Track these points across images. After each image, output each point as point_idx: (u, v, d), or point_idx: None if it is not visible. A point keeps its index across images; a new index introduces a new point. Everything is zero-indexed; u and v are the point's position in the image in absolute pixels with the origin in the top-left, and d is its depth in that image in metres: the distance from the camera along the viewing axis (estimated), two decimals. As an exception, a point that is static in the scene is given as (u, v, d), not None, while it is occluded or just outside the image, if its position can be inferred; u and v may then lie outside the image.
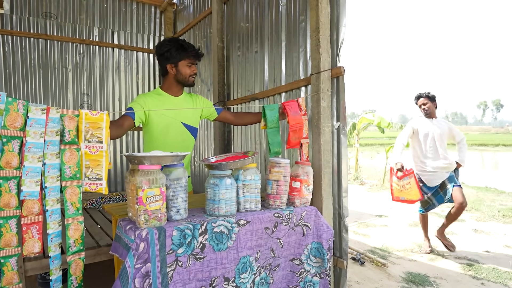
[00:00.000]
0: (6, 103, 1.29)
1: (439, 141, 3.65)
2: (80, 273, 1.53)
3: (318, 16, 2.09)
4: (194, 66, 2.14)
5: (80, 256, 1.53)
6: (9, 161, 1.30)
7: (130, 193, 1.51)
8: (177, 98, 2.17)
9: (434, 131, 3.66)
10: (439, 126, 3.71)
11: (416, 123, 3.80)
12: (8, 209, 1.33)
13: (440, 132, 3.66)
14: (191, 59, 2.10)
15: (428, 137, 3.70)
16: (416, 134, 3.77)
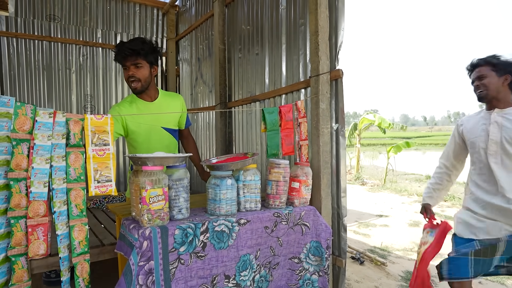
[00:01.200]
0: (15, 108, 1.34)
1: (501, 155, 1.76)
2: (87, 274, 1.56)
3: (317, 19, 2.13)
4: (130, 68, 1.89)
5: (85, 258, 1.56)
6: (19, 163, 1.36)
7: (133, 193, 1.56)
8: (152, 104, 2.04)
9: (493, 135, 1.78)
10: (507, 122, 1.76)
11: (465, 121, 2.00)
12: (18, 209, 1.38)
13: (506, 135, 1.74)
14: (121, 61, 1.90)
15: (478, 147, 1.85)
16: (463, 143, 2.00)
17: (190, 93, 4.53)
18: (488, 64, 1.81)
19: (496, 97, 1.80)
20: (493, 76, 1.79)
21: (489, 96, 1.81)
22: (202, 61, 4.17)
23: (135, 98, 2.03)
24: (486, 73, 1.81)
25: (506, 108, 1.80)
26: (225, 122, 3.55)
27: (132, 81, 1.91)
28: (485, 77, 1.80)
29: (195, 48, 4.35)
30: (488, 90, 1.80)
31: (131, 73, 1.89)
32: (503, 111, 1.80)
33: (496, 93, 1.79)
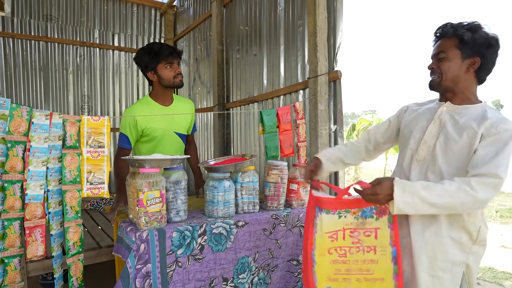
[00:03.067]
0: (11, 109, 1.33)
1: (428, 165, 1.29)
2: (80, 273, 1.57)
3: (315, 21, 2.12)
4: (175, 65, 1.99)
5: (79, 258, 1.57)
6: (14, 166, 1.34)
7: (131, 195, 1.55)
8: (168, 108, 2.05)
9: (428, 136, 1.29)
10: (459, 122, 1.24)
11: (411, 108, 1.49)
12: (12, 211, 1.37)
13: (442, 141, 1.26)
14: (167, 60, 1.96)
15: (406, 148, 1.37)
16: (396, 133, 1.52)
17: (188, 94, 4.52)
18: (455, 37, 1.22)
19: (453, 89, 1.25)
20: (456, 57, 1.22)
21: (442, 87, 1.27)
22: (200, 62, 4.16)
23: (151, 101, 2.03)
24: (448, 51, 1.23)
25: (461, 105, 1.26)
26: (223, 123, 3.53)
27: (180, 78, 2.02)
28: (445, 58, 1.23)
29: (193, 48, 4.34)
30: (442, 79, 1.25)
31: (179, 71, 2.02)
32: (455, 108, 1.26)
33: (453, 83, 1.24)
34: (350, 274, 1.20)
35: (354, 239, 1.19)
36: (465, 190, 1.08)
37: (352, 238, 1.19)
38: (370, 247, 1.19)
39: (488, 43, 1.20)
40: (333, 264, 1.20)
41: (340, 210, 1.21)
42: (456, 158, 1.19)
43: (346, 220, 1.20)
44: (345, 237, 1.20)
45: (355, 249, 1.19)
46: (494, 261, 3.62)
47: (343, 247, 1.20)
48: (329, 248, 1.21)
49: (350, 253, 1.20)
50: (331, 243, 1.21)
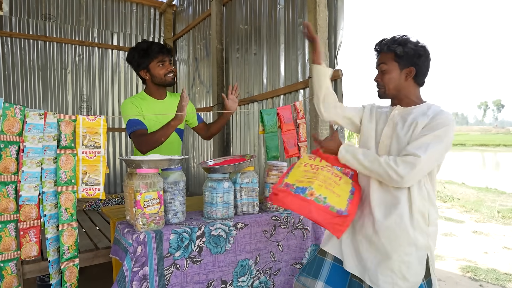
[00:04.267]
0: (3, 109, 1.30)
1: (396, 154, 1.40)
2: (75, 279, 1.52)
3: (316, 19, 2.09)
4: (166, 63, 2.00)
5: (74, 262, 1.52)
6: (7, 167, 1.31)
7: (128, 196, 1.52)
8: (162, 102, 2.07)
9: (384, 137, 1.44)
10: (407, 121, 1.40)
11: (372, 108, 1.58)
12: (6, 213, 1.33)
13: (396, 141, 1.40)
14: (158, 58, 1.97)
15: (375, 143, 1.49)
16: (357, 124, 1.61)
17: (187, 94, 4.49)
18: (390, 52, 1.40)
19: (397, 96, 1.44)
20: (395, 69, 1.40)
21: (388, 96, 1.46)
22: (200, 61, 4.13)
23: (146, 96, 2.06)
24: (388, 65, 1.41)
25: (409, 107, 1.42)
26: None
27: (171, 76, 2.04)
28: (386, 71, 1.41)
29: (193, 48, 4.31)
30: (386, 90, 1.44)
31: (170, 68, 2.03)
32: (404, 110, 1.43)
33: (396, 91, 1.42)
34: (315, 179, 1.36)
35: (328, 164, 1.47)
36: (389, 164, 1.28)
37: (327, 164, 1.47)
38: (338, 176, 1.43)
39: (418, 53, 1.38)
40: (304, 173, 1.42)
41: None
42: None
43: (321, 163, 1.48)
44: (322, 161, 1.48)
45: (326, 169, 1.43)
46: (497, 262, 3.59)
47: (317, 165, 1.45)
48: (305, 162, 1.47)
49: (322, 169, 1.43)
50: (308, 159, 1.49)
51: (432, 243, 1.35)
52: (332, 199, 1.32)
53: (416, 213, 1.31)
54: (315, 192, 1.31)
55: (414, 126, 1.34)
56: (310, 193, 1.31)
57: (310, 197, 1.30)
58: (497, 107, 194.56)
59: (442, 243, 4.22)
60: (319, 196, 1.31)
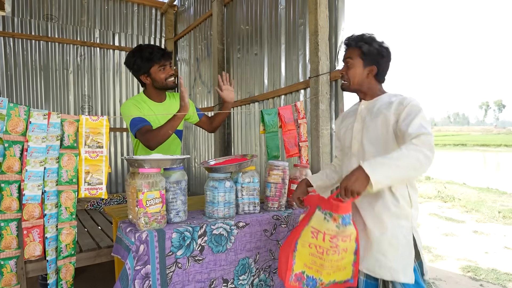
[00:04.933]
0: (8, 109, 1.31)
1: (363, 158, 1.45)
2: (71, 277, 1.53)
3: (316, 19, 2.10)
4: (167, 67, 1.99)
5: (71, 260, 1.53)
6: (11, 166, 1.33)
7: (130, 195, 1.53)
8: (162, 104, 2.06)
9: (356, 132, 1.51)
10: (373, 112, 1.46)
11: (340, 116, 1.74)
12: (9, 212, 1.35)
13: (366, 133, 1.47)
14: (160, 63, 1.96)
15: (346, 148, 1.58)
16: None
17: (188, 94, 4.50)
18: (358, 48, 1.47)
19: (360, 90, 1.52)
20: (359, 65, 1.47)
21: (351, 89, 1.53)
22: (201, 61, 4.14)
23: (145, 98, 2.04)
24: (354, 59, 1.47)
25: (372, 99, 1.50)
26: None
27: (172, 80, 2.03)
28: (351, 66, 1.48)
29: (194, 48, 4.32)
30: (350, 83, 1.50)
31: (171, 72, 2.02)
32: (369, 103, 1.51)
33: (359, 86, 1.50)
34: (322, 268, 1.32)
35: (333, 244, 1.28)
36: (414, 148, 1.22)
37: (331, 243, 1.28)
38: (344, 249, 1.31)
39: (381, 54, 1.45)
40: (311, 256, 1.33)
41: (327, 211, 1.29)
42: (378, 141, 1.41)
43: (328, 225, 1.28)
44: (325, 239, 1.29)
45: (331, 251, 1.29)
46: (497, 262, 3.59)
47: (322, 247, 1.30)
48: (310, 242, 1.32)
49: (327, 254, 1.29)
50: (311, 238, 1.31)
51: (415, 224, 1.41)
52: (339, 276, 1.36)
53: (398, 196, 1.37)
54: (325, 282, 1.34)
55: (383, 117, 1.39)
56: (320, 283, 1.34)
57: (321, 287, 1.35)
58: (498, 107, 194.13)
59: (442, 243, 4.23)
60: (329, 282, 1.35)
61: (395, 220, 1.37)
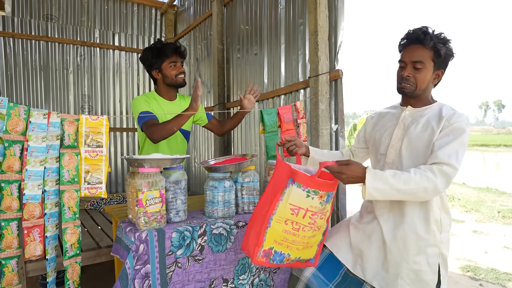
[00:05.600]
0: (8, 108, 1.31)
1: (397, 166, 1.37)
2: (77, 277, 1.54)
3: (316, 19, 2.11)
4: (178, 64, 2.04)
5: (77, 260, 1.54)
6: (11, 165, 1.33)
7: (130, 195, 1.54)
8: (172, 103, 2.12)
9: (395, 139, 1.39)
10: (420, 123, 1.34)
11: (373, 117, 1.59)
12: (9, 211, 1.35)
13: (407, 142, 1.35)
14: (171, 58, 2.01)
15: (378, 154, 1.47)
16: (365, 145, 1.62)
17: (189, 94, 4.51)
18: (432, 49, 1.27)
19: (421, 96, 1.35)
20: (430, 69, 1.29)
21: (415, 94, 1.34)
22: (201, 61, 4.15)
23: (156, 95, 2.09)
24: (426, 62, 1.28)
25: (421, 107, 1.36)
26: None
27: (182, 77, 2.07)
28: (422, 69, 1.29)
29: (194, 48, 4.32)
30: (417, 89, 1.32)
31: (182, 70, 2.07)
32: (416, 111, 1.36)
33: (422, 92, 1.33)
34: (294, 244, 1.27)
35: (312, 220, 1.25)
36: (428, 176, 1.16)
37: (311, 219, 1.25)
38: (318, 227, 1.29)
39: (450, 56, 1.31)
40: (284, 233, 1.26)
41: (310, 188, 1.21)
42: (419, 156, 1.29)
43: (312, 202, 1.22)
44: (305, 216, 1.24)
45: (308, 227, 1.26)
46: (497, 262, 3.60)
47: (300, 223, 1.25)
48: (287, 218, 1.24)
49: (303, 230, 1.26)
50: (290, 215, 1.24)
51: (445, 250, 1.30)
52: (305, 254, 1.33)
53: (432, 222, 1.27)
54: (291, 257, 1.31)
55: (430, 130, 1.27)
56: (287, 259, 1.30)
57: (286, 262, 1.31)
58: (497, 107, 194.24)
59: (442, 243, 4.23)
60: (295, 258, 1.32)
61: (422, 247, 1.26)
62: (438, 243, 1.28)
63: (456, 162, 1.18)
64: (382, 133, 1.44)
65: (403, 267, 1.27)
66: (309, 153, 1.61)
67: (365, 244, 1.39)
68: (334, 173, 1.23)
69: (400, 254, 1.28)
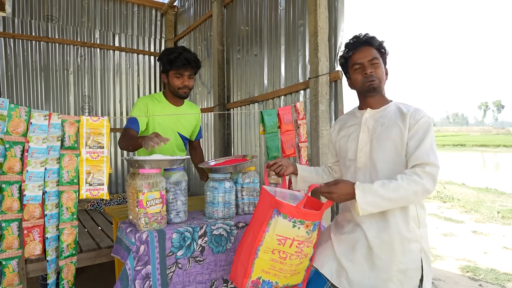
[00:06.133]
0: (9, 109, 1.32)
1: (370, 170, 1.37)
2: (72, 277, 1.54)
3: (316, 20, 2.11)
4: (185, 77, 1.99)
5: (72, 260, 1.54)
6: (12, 166, 1.33)
7: (130, 196, 1.54)
8: (177, 108, 2.10)
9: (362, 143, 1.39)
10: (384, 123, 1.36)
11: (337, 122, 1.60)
12: (10, 212, 1.35)
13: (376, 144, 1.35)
14: (178, 70, 1.97)
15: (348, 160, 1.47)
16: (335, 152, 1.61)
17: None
18: (378, 48, 1.39)
19: (381, 91, 1.40)
20: (382, 65, 1.39)
21: (379, 90, 1.38)
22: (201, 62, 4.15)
23: (162, 98, 2.08)
24: (378, 58, 1.37)
25: (380, 108, 1.39)
26: (224, 124, 3.52)
27: (184, 90, 2.02)
28: (378, 64, 1.36)
29: (194, 49, 4.33)
30: (380, 83, 1.37)
31: (186, 83, 2.01)
32: (376, 112, 1.39)
33: (382, 88, 1.40)
34: (281, 272, 1.29)
35: (298, 249, 1.26)
36: (415, 180, 1.18)
37: (297, 248, 1.25)
38: (305, 254, 1.29)
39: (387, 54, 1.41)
40: (271, 262, 1.27)
41: (296, 219, 1.22)
42: (391, 155, 1.30)
43: (298, 231, 1.23)
44: (292, 246, 1.25)
45: (295, 256, 1.27)
46: (496, 262, 3.60)
47: (287, 252, 1.25)
48: (274, 248, 1.25)
49: (290, 259, 1.27)
50: (277, 245, 1.25)
51: (425, 244, 1.32)
52: (293, 280, 1.34)
53: (410, 219, 1.28)
54: (279, 285, 1.32)
55: (397, 128, 1.29)
56: (275, 287, 1.31)
57: None
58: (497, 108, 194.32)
59: (442, 243, 4.23)
60: (283, 285, 1.33)
61: (406, 245, 1.28)
62: (419, 238, 1.30)
63: (435, 159, 1.22)
64: (346, 140, 1.46)
65: (393, 270, 1.28)
66: (297, 172, 1.61)
67: (349, 255, 1.36)
68: (324, 194, 1.25)
69: (389, 257, 1.28)
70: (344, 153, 1.47)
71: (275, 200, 1.25)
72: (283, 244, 1.24)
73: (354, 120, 1.46)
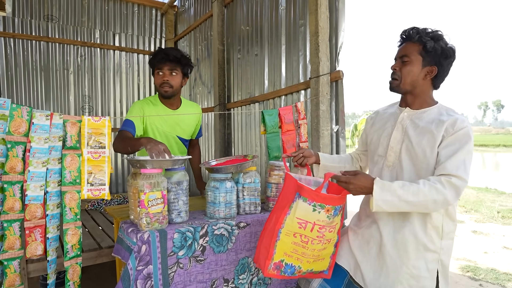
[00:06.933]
0: (11, 109, 1.32)
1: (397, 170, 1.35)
2: (78, 278, 1.54)
3: (317, 20, 2.11)
4: (165, 73, 1.92)
5: (78, 261, 1.54)
6: (14, 166, 1.33)
7: (132, 196, 1.54)
8: (174, 112, 2.06)
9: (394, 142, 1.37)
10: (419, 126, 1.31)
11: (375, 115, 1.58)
12: (12, 212, 1.35)
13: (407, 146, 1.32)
14: (157, 66, 1.92)
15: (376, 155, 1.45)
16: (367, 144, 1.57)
17: (188, 94, 4.51)
18: (419, 43, 1.28)
19: (411, 92, 1.33)
20: (418, 63, 1.29)
21: (401, 90, 1.34)
22: (201, 62, 4.15)
23: (158, 102, 2.03)
24: (411, 56, 1.29)
25: (420, 109, 1.34)
26: (224, 124, 3.52)
27: (164, 86, 1.94)
28: (408, 62, 1.29)
29: (194, 48, 4.33)
30: (401, 82, 1.32)
31: (166, 79, 1.93)
32: (414, 113, 1.34)
33: (411, 87, 1.31)
34: (304, 256, 1.29)
35: (320, 234, 1.26)
36: (437, 188, 1.15)
37: (319, 232, 1.26)
38: (328, 240, 1.29)
39: (446, 53, 1.27)
40: (293, 245, 1.28)
41: (316, 203, 1.23)
42: (420, 160, 1.27)
43: (319, 216, 1.24)
44: (313, 230, 1.25)
45: (317, 241, 1.27)
46: (497, 262, 3.60)
47: (308, 236, 1.26)
48: (295, 232, 1.26)
49: (312, 243, 1.27)
50: (298, 229, 1.26)
51: (445, 257, 1.28)
52: (317, 266, 1.34)
53: (429, 226, 1.25)
54: (303, 269, 1.32)
55: (430, 135, 1.24)
56: (298, 271, 1.32)
57: (297, 274, 1.33)
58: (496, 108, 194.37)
59: (442, 243, 4.24)
60: (307, 270, 1.34)
61: (421, 251, 1.25)
62: (438, 249, 1.26)
63: (465, 173, 1.16)
64: (380, 134, 1.42)
65: (403, 272, 1.26)
66: (319, 161, 1.60)
67: (363, 250, 1.38)
68: (341, 183, 1.24)
69: (400, 258, 1.27)
70: (374, 147, 1.44)
71: (297, 183, 1.26)
72: (304, 228, 1.24)
73: (392, 115, 1.42)
